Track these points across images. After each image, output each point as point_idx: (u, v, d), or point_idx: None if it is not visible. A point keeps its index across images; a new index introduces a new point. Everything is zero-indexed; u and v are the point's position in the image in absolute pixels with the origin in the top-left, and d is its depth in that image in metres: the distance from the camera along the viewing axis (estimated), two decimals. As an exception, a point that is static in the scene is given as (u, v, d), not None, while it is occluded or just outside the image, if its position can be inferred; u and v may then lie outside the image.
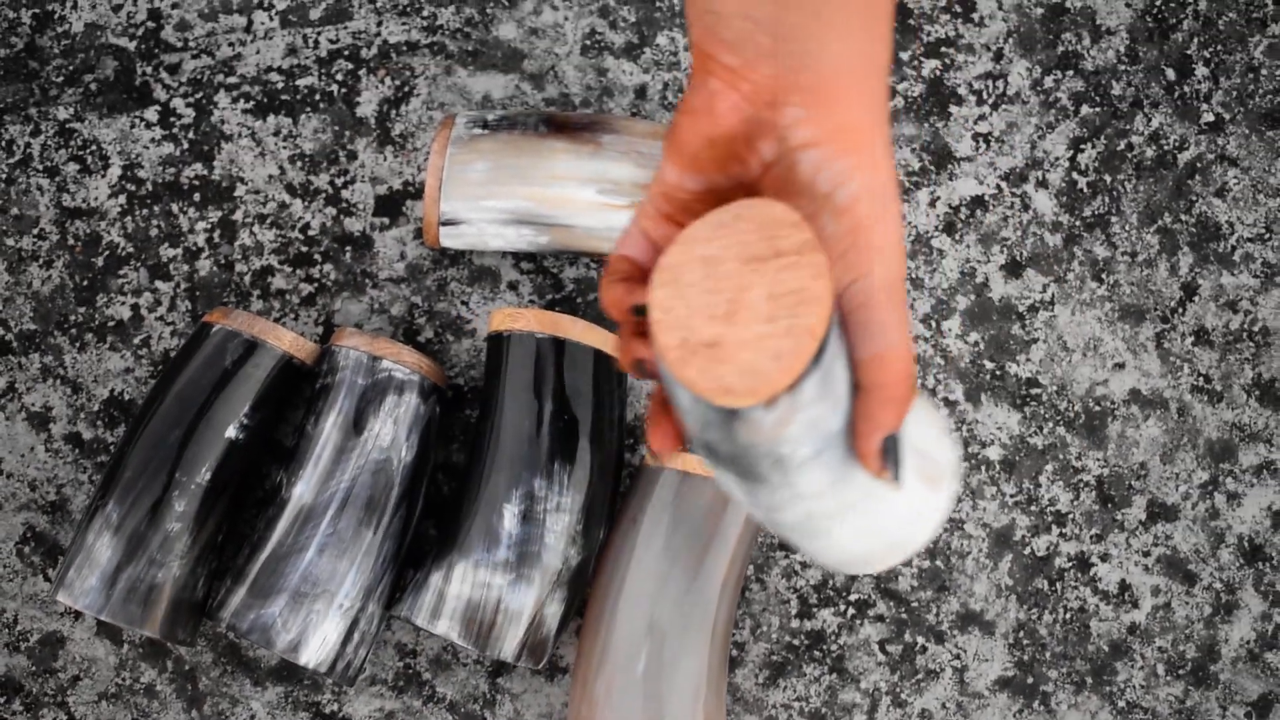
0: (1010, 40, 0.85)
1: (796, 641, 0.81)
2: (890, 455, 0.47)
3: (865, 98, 0.44)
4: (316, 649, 0.74)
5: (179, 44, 0.86)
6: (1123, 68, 0.85)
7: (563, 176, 0.77)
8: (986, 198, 0.84)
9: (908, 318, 0.47)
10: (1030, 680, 0.81)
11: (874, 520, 0.50)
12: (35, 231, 0.84)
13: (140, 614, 0.74)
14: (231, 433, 0.76)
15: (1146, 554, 0.82)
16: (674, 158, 0.47)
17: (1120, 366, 0.83)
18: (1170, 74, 0.85)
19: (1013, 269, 0.83)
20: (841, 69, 0.44)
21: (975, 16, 0.85)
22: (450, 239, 0.79)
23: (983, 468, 0.82)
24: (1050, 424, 0.82)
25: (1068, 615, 0.82)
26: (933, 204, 0.84)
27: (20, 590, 0.82)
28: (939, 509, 0.53)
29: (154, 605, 0.74)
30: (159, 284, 0.84)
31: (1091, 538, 0.82)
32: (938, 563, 0.82)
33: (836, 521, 0.49)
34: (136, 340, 0.83)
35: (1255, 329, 0.83)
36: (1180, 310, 0.83)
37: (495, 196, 0.77)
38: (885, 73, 0.45)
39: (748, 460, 0.46)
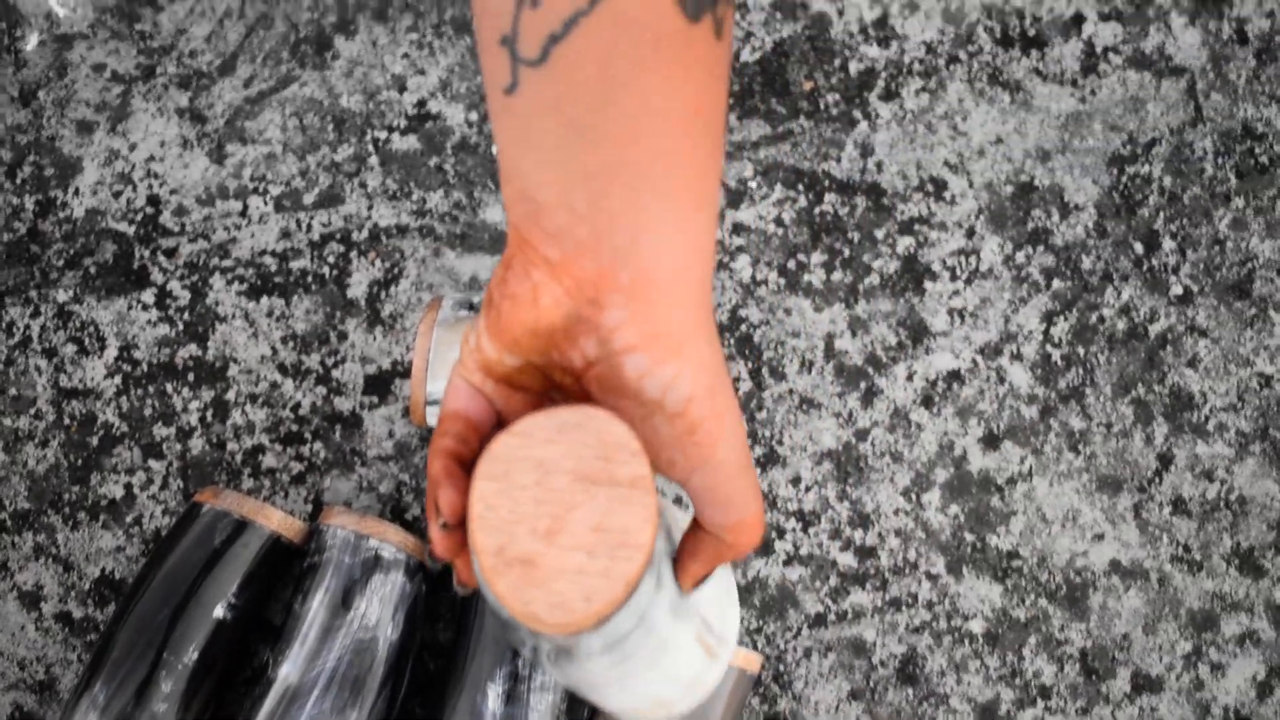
0: (981, 218, 0.88)
1: (783, 818, 0.81)
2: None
3: (689, 292, 0.43)
4: (300, 831, 0.74)
5: (176, 228, 0.89)
6: (1092, 242, 0.88)
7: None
8: (963, 371, 0.86)
9: (755, 475, 0.47)
10: None
11: (647, 683, 0.51)
12: (32, 411, 0.86)
13: (125, 797, 0.74)
14: (220, 612, 0.77)
15: (1131, 725, 0.82)
16: (495, 337, 0.46)
17: (1100, 537, 0.84)
18: (1138, 248, 0.87)
19: (990, 441, 0.85)
20: (662, 263, 0.42)
21: (947, 195, 0.88)
22: (437, 418, 0.81)
23: (966, 641, 0.83)
24: (1032, 596, 0.83)
25: (1054, 788, 0.81)
26: (910, 378, 0.86)
27: (7, 771, 0.82)
28: (711, 679, 0.54)
29: (139, 788, 0.75)
30: (152, 463, 0.85)
31: (1077, 711, 0.82)
32: (923, 736, 0.82)
33: (614, 688, 0.50)
34: (129, 519, 0.85)
35: (1232, 498, 0.84)
36: (1157, 480, 0.84)
37: (479, 379, 0.79)
38: (709, 260, 0.43)
39: (539, 645, 0.46)
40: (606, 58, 0.38)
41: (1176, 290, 0.87)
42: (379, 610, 0.76)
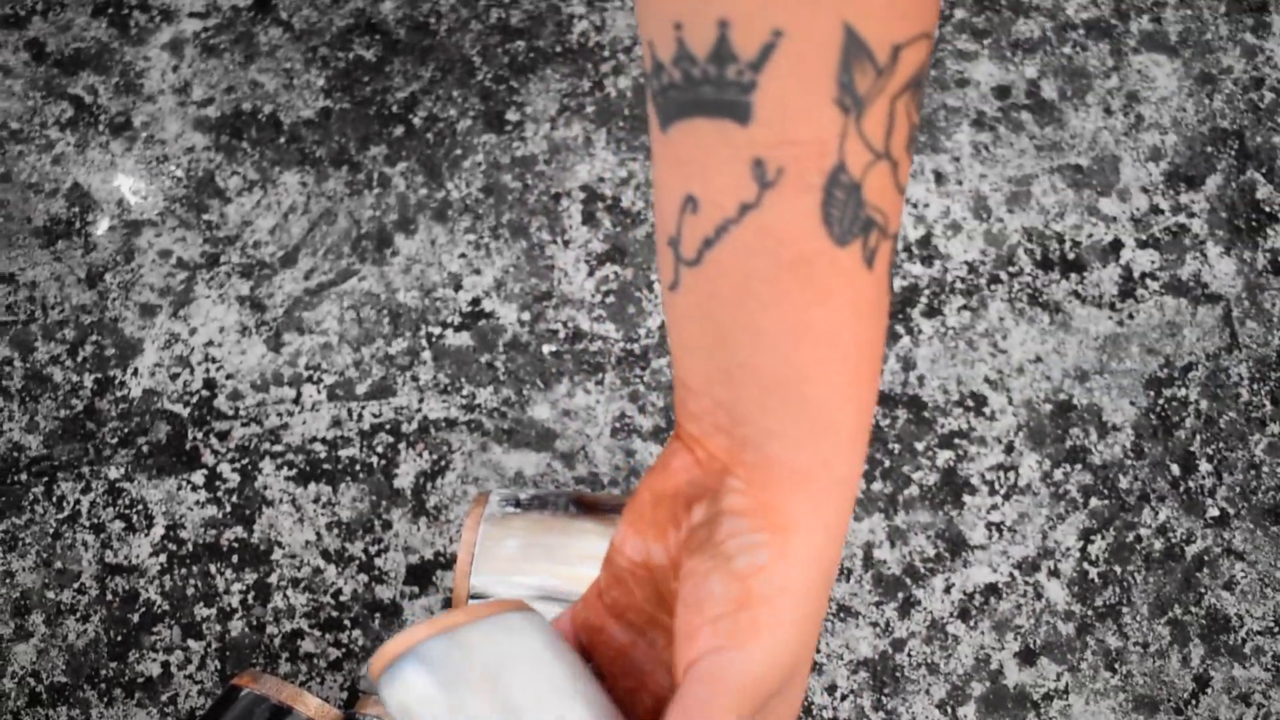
0: (1020, 434, 0.89)
1: None
2: None
3: (810, 494, 0.42)
4: None
5: (230, 412, 0.91)
6: (1129, 462, 0.89)
7: (590, 555, 0.79)
8: (1000, 585, 0.86)
9: None
10: None
11: None
12: (76, 586, 0.87)
13: None
14: (251, 798, 0.76)
15: None
16: (626, 514, 0.46)
17: (1136, 759, 0.83)
18: (1175, 469, 0.89)
19: (1027, 657, 0.85)
20: (787, 463, 0.42)
21: (987, 411, 0.90)
22: (478, 610, 0.81)
23: None
24: (1067, 816, 0.82)
25: None
26: (948, 590, 0.86)
27: None
28: None
29: None
30: (190, 642, 0.86)
31: None
32: None
33: None
34: (164, 697, 0.85)
35: (1269, 725, 0.84)
36: (1194, 702, 0.84)
37: (524, 573, 0.80)
38: (845, 480, 0.42)
39: None
40: (747, 268, 0.40)
41: (1213, 512, 0.88)
42: (411, 803, 0.76)
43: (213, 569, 0.87)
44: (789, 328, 0.40)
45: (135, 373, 0.92)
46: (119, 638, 0.86)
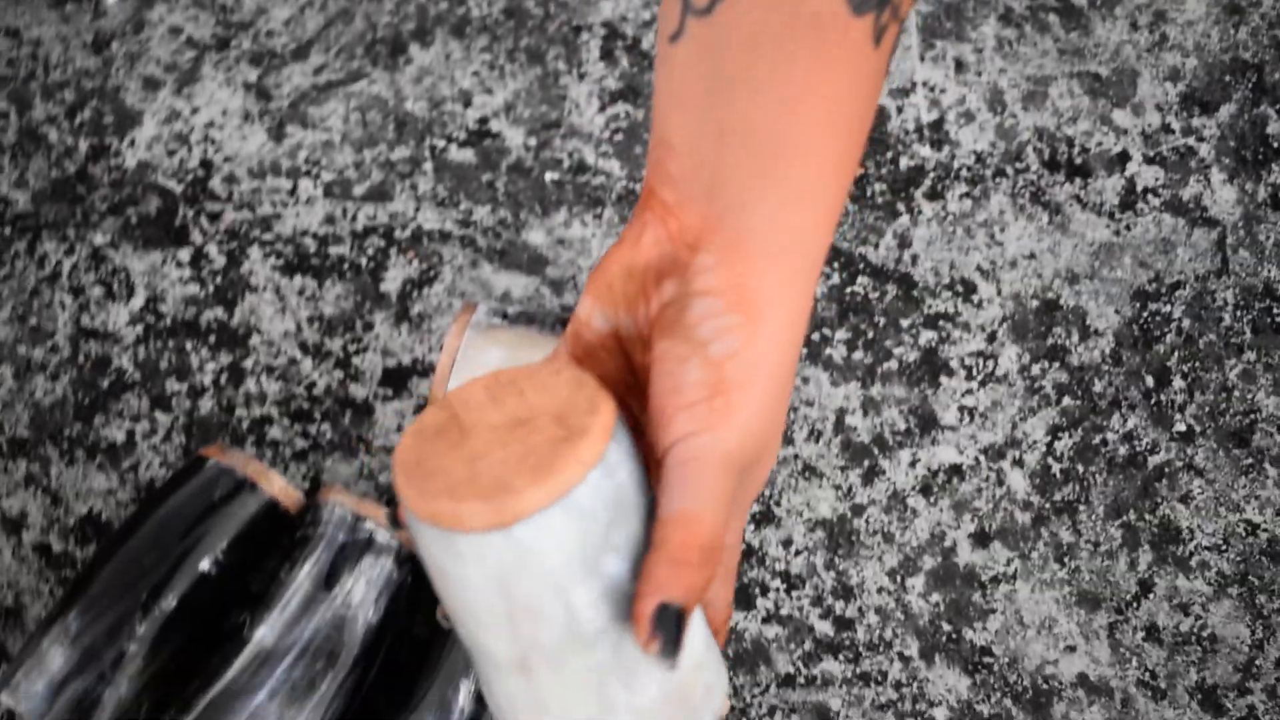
0: (1004, 325, 0.90)
1: None
2: (667, 629, 0.41)
3: (782, 271, 0.43)
4: (248, 794, 0.73)
5: (224, 195, 0.90)
6: (1106, 368, 0.90)
7: (574, 371, 0.80)
8: (964, 467, 0.87)
9: (731, 502, 0.43)
10: None
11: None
12: (49, 344, 0.86)
13: (79, 730, 0.74)
14: (205, 565, 0.77)
15: (1076, 839, 0.83)
16: (591, 287, 0.46)
17: (1072, 649, 0.85)
18: (1149, 381, 0.90)
19: (981, 539, 0.86)
20: (763, 236, 0.42)
21: (975, 298, 0.90)
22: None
23: (927, 726, 0.83)
24: (998, 694, 0.84)
25: None
26: (913, 464, 0.87)
27: (-45, 693, 0.81)
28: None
29: (94, 723, 0.74)
30: (158, 414, 0.86)
31: (1024, 814, 0.83)
32: (871, 814, 0.82)
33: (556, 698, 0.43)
34: (125, 464, 0.85)
35: (1204, 634, 0.86)
36: (1135, 605, 0.86)
37: (507, 379, 0.80)
38: (815, 258, 0.43)
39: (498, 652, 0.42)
40: (760, 21, 0.40)
41: (1180, 427, 0.89)
42: (363, 591, 0.77)
43: (189, 346, 0.87)
44: (791, 89, 0.40)
45: (132, 144, 0.91)
46: (86, 401, 0.86)
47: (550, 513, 0.39)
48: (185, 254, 0.89)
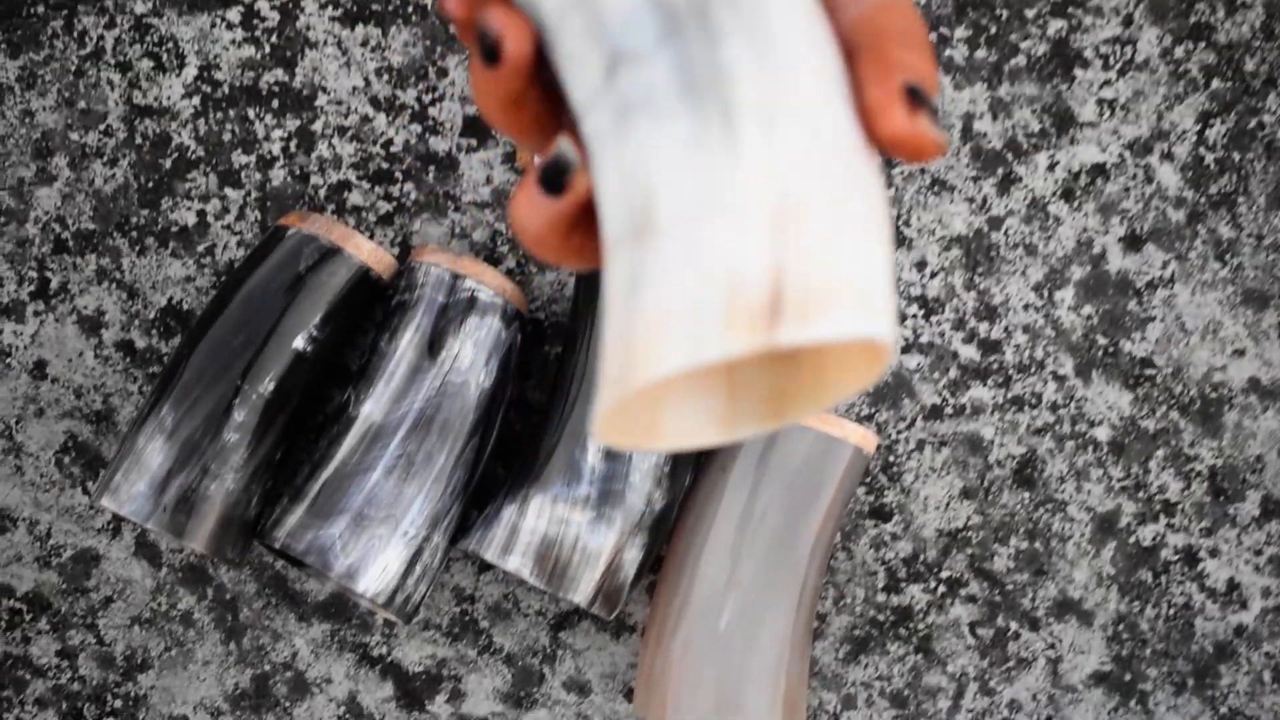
0: (1141, 6, 0.81)
1: (882, 617, 0.76)
2: (923, 104, 0.32)
3: None
4: (376, 577, 0.68)
5: (268, -55, 0.82)
6: (1257, 44, 0.81)
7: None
8: (1108, 166, 0.79)
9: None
10: (1128, 677, 0.76)
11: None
12: (102, 128, 0.80)
13: (189, 526, 0.69)
14: (299, 344, 0.71)
15: (1259, 553, 0.77)
16: None
17: (1240, 353, 0.78)
18: (1308, 53, 0.81)
19: (1132, 242, 0.79)
20: None
21: (1107, -22, 0.81)
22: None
23: (1090, 448, 0.77)
24: (1164, 407, 0.77)
25: (1171, 611, 0.76)
26: (1051, 168, 0.79)
27: (56, 502, 0.77)
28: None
29: (204, 518, 0.69)
30: (228, 191, 0.79)
31: (1201, 531, 0.77)
32: (1036, 545, 0.76)
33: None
34: (200, 248, 0.79)
35: (1386, 324, 0.78)
36: (1307, 299, 0.78)
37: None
38: None
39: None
40: None
41: (1345, 100, 0.80)
42: (472, 354, 0.71)
43: (251, 114, 0.80)
44: None
45: (161, -101, 0.83)
46: (150, 184, 0.79)
47: None
48: (235, 14, 0.81)
